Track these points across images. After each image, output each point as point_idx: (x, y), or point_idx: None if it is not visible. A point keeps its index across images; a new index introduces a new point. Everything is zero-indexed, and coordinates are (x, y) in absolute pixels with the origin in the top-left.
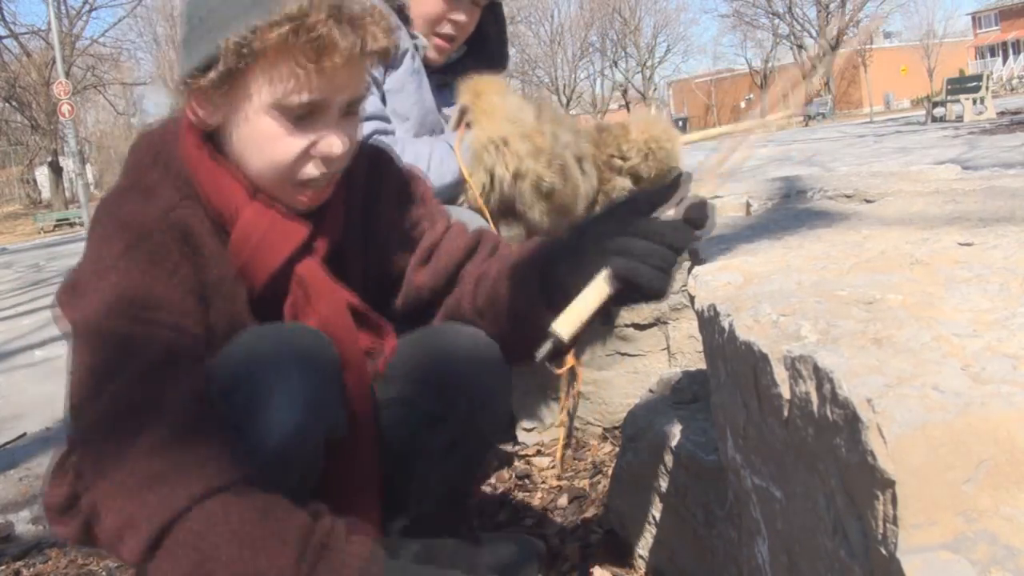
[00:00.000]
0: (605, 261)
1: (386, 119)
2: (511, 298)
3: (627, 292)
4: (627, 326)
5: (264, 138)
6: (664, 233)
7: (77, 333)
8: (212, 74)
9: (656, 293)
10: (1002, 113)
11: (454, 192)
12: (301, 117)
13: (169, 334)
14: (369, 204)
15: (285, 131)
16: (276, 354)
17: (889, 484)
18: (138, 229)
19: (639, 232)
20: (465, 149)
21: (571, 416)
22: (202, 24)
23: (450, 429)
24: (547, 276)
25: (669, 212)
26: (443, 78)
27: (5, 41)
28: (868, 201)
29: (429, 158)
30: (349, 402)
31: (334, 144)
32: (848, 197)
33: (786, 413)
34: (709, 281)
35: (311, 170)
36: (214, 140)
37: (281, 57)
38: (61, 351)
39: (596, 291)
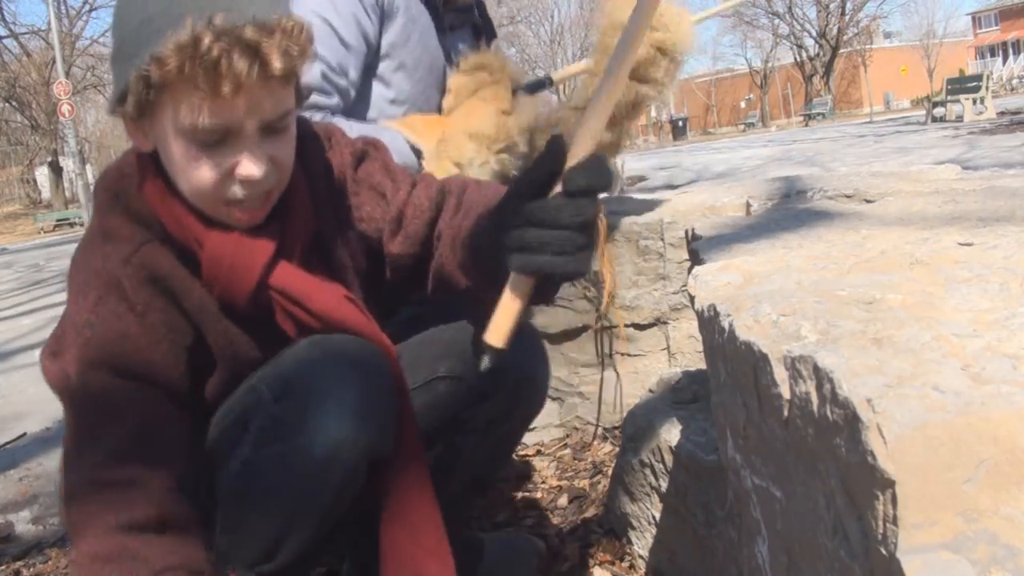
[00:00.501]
0: (506, 260)
1: (325, 92)
2: (478, 261)
3: (541, 283)
4: (627, 326)
5: (182, 163)
6: (551, 214)
7: (59, 393)
8: (128, 105)
9: (567, 278)
10: (1002, 113)
11: None
12: (212, 143)
13: (141, 393)
14: (332, 186)
15: (199, 157)
16: (331, 364)
17: (889, 484)
18: (106, 278)
19: (530, 220)
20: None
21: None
22: (117, 55)
23: (495, 406)
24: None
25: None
26: (458, 16)
27: (5, 41)
28: (868, 201)
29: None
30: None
31: (249, 169)
32: (848, 197)
33: (786, 413)
34: (709, 281)
35: (235, 192)
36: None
37: (181, 85)
38: None
39: (512, 292)
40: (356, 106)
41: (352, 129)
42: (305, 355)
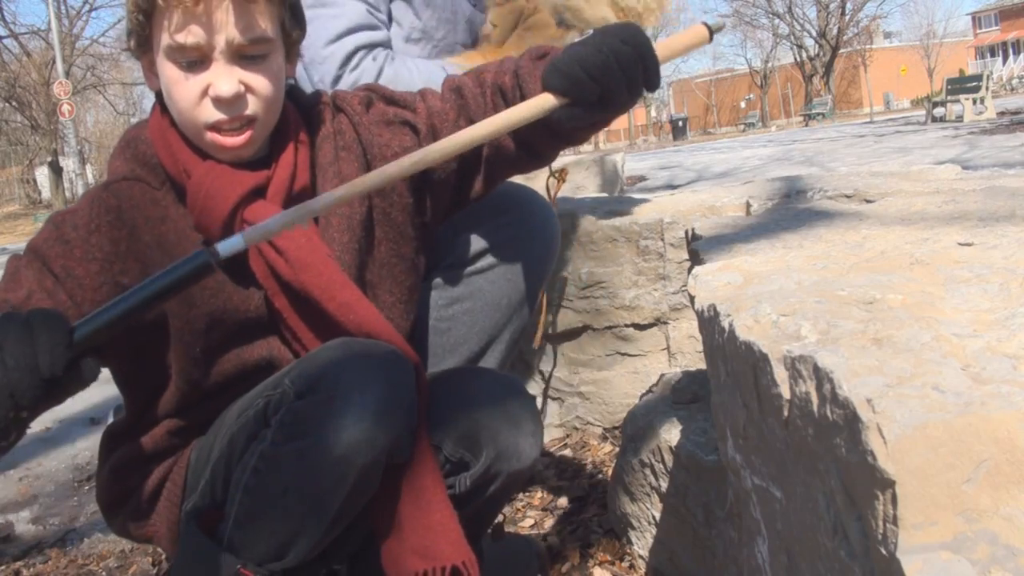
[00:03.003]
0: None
1: (374, 27)
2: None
3: (566, 106)
4: (627, 326)
5: (169, 84)
6: (594, 40)
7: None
8: (132, 40)
9: (597, 107)
10: (1002, 113)
11: None
12: (189, 64)
13: (51, 290)
14: (347, 143)
15: (181, 76)
16: (356, 365)
17: (889, 484)
18: (89, 197)
19: (578, 43)
20: None
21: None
22: None
23: (471, 477)
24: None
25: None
26: None
27: (5, 41)
28: (868, 201)
29: (411, 75)
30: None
31: (218, 88)
32: (848, 197)
33: (786, 413)
34: (709, 281)
35: (212, 113)
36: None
37: (160, 5)
38: None
39: (535, 101)
40: None
41: (414, 70)
42: (331, 355)
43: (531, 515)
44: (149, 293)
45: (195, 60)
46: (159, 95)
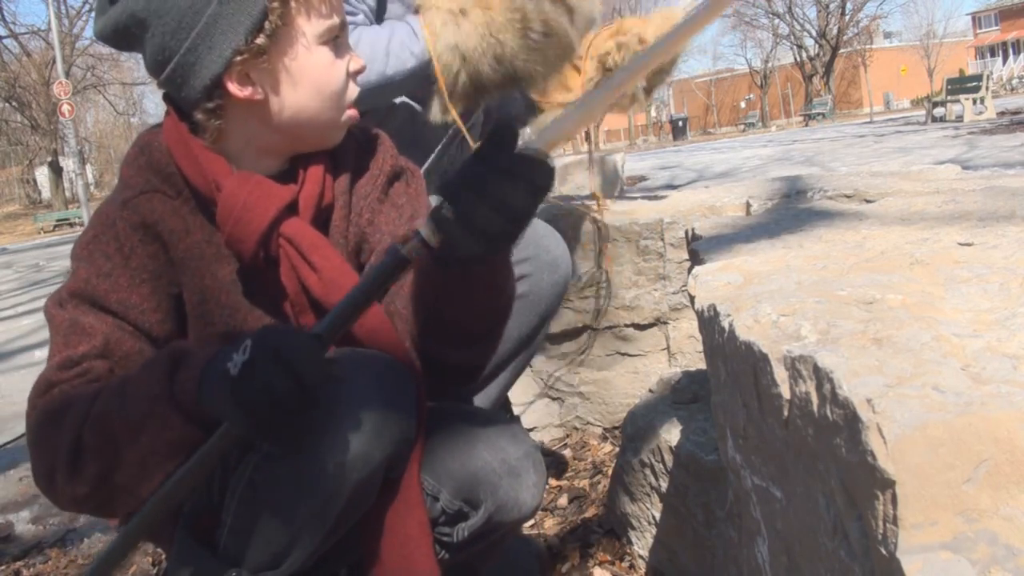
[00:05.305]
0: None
1: (350, 12)
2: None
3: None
4: (627, 326)
5: (321, 71)
6: (493, 188)
7: (46, 318)
8: (261, 37)
9: (457, 254)
10: (1002, 113)
11: (422, 75)
12: (333, 42)
13: (116, 326)
14: (357, 183)
15: (333, 57)
16: (355, 378)
17: (889, 484)
18: (104, 219)
19: (461, 182)
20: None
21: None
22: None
23: (469, 529)
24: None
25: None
26: None
27: (5, 41)
28: (868, 201)
29: (388, 43)
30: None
31: (359, 60)
32: (848, 197)
33: (786, 413)
34: (709, 281)
35: (352, 89)
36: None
37: None
38: None
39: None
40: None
41: (380, 33)
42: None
43: None
44: (365, 292)
45: (335, 39)
46: (172, 100)
